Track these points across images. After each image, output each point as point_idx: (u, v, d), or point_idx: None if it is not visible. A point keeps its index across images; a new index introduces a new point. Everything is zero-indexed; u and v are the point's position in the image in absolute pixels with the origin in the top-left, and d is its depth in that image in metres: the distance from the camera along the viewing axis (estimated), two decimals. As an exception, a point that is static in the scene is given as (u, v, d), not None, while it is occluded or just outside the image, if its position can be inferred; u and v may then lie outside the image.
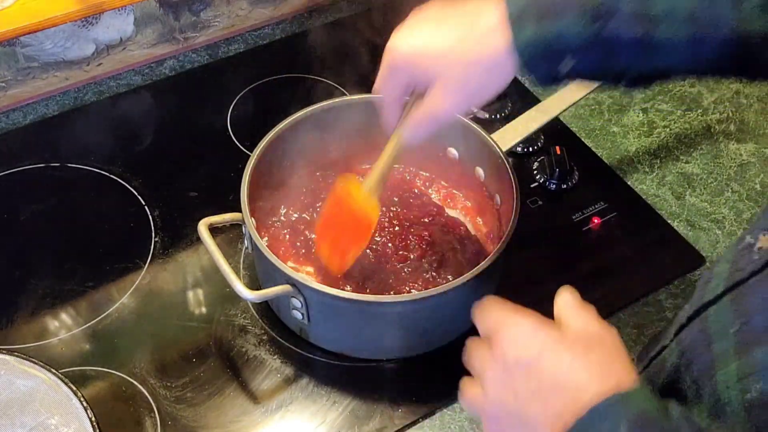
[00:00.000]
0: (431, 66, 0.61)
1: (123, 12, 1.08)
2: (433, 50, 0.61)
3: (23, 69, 1.06)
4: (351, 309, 0.77)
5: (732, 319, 0.49)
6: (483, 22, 0.59)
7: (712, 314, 0.51)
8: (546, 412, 0.48)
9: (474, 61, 0.60)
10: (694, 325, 0.53)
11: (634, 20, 0.55)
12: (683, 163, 1.04)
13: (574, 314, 0.54)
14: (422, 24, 0.63)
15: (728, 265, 0.52)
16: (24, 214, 0.96)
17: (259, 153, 0.84)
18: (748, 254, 0.50)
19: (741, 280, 0.50)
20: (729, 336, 0.48)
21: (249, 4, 1.18)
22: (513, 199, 0.81)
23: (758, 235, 0.50)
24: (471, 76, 0.61)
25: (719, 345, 0.49)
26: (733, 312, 0.49)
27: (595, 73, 0.60)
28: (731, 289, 0.50)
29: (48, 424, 0.70)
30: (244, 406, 0.79)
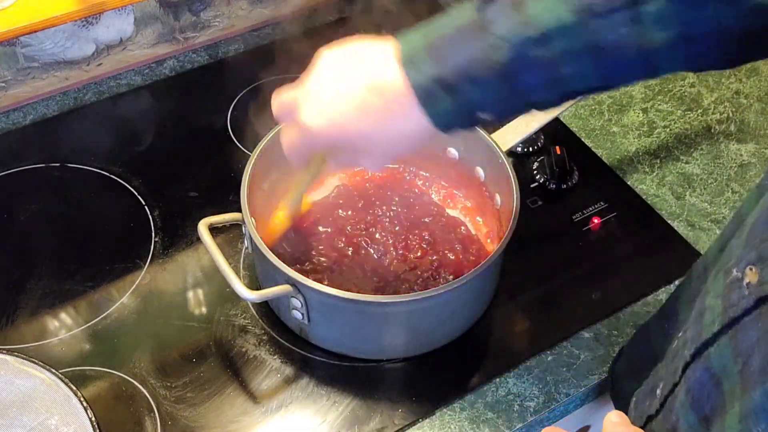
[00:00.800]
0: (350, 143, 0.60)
1: (123, 12, 1.08)
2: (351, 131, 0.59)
3: (23, 69, 1.06)
4: (351, 309, 0.77)
5: (734, 358, 0.49)
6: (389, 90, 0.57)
7: (714, 354, 0.51)
8: None
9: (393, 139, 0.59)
10: (698, 363, 0.53)
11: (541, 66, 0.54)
12: (683, 163, 1.04)
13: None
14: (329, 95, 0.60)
15: (719, 300, 0.52)
16: (24, 214, 0.96)
17: (259, 153, 0.84)
18: (738, 289, 0.50)
19: (736, 317, 0.49)
20: (734, 376, 0.48)
21: (249, 4, 1.18)
22: (513, 199, 0.81)
23: (744, 269, 0.50)
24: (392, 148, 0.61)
25: (727, 385, 0.49)
26: (733, 351, 0.49)
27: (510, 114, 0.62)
28: (729, 326, 0.50)
29: (48, 424, 0.70)
30: (244, 406, 0.79)
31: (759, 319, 0.47)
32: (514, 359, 0.84)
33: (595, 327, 0.86)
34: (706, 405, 0.52)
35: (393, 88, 0.57)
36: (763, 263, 0.48)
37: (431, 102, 0.56)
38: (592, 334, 0.86)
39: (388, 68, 0.57)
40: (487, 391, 0.81)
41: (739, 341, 0.49)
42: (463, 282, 0.75)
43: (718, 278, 0.54)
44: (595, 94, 0.59)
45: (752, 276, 0.49)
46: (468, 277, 0.75)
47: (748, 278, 0.49)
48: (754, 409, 0.44)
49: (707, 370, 0.52)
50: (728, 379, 0.49)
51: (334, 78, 0.60)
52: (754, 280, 0.48)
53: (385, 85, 0.57)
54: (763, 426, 0.43)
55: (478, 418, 0.79)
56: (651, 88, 1.13)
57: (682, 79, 1.14)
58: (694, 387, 0.53)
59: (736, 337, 0.49)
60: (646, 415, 0.63)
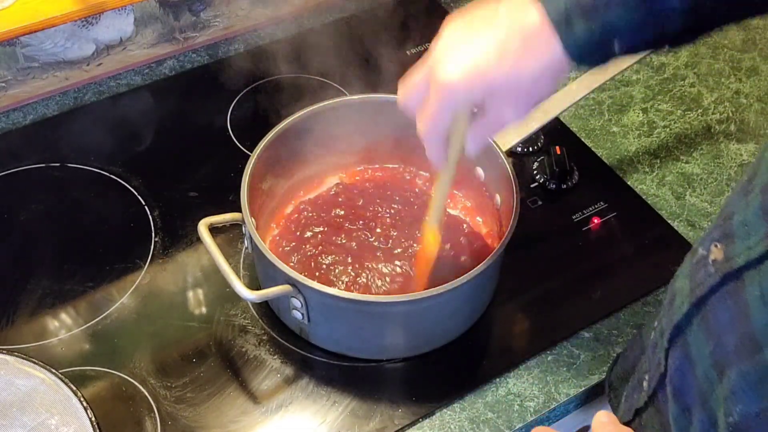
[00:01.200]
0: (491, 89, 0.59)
1: (123, 12, 1.08)
2: (492, 74, 0.58)
3: (23, 69, 1.06)
4: (351, 309, 0.77)
5: (705, 341, 0.48)
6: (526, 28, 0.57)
7: (691, 337, 0.51)
8: None
9: (528, 74, 0.58)
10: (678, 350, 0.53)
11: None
12: (683, 163, 1.04)
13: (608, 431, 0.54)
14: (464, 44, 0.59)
15: (687, 280, 0.51)
16: (24, 214, 0.96)
17: (259, 153, 0.84)
18: (703, 267, 0.49)
19: (702, 296, 0.49)
20: (706, 358, 0.48)
21: (249, 4, 1.18)
22: (513, 199, 0.81)
23: (710, 246, 0.49)
24: (532, 89, 0.59)
25: (700, 369, 0.48)
26: (704, 333, 0.48)
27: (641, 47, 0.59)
28: (697, 306, 0.49)
29: (48, 424, 0.70)
30: (244, 406, 0.79)
31: (727, 297, 0.46)
32: (514, 359, 0.84)
33: (595, 327, 0.86)
34: (688, 393, 0.51)
35: (529, 22, 0.56)
36: (727, 239, 0.47)
37: (568, 28, 0.55)
38: (592, 334, 0.86)
39: (523, 6, 0.57)
40: (487, 391, 0.81)
41: (710, 322, 0.48)
42: (463, 282, 0.75)
43: (686, 261, 0.53)
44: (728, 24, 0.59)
45: (717, 253, 0.48)
46: (468, 277, 0.75)
47: (713, 255, 0.48)
48: (732, 389, 0.44)
49: (686, 357, 0.51)
50: (701, 363, 0.48)
51: (466, 32, 0.59)
52: (719, 257, 0.48)
53: (520, 22, 0.56)
54: (741, 407, 0.43)
55: (478, 418, 0.79)
56: (651, 88, 1.13)
57: (682, 79, 1.14)
58: (675, 375, 0.53)
59: (707, 318, 0.48)
60: (634, 408, 0.62)
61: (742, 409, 0.43)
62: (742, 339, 0.44)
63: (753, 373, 0.42)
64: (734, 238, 0.47)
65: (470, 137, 0.64)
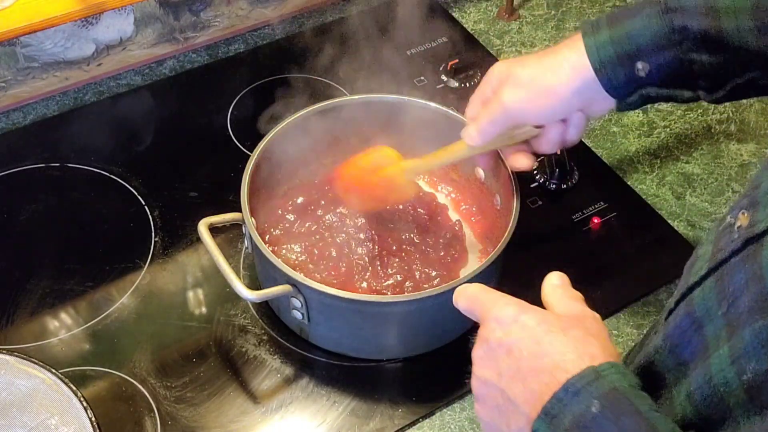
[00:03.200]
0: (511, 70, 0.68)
1: (123, 12, 1.08)
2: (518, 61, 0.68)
3: (23, 69, 1.06)
4: (351, 309, 0.77)
5: (718, 301, 0.49)
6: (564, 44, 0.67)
7: (698, 296, 0.52)
8: (526, 390, 0.50)
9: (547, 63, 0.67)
10: (680, 308, 0.54)
11: (702, 13, 0.59)
12: (683, 163, 1.04)
13: (558, 298, 0.56)
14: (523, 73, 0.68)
15: (711, 246, 0.53)
16: (24, 214, 0.96)
17: (259, 153, 0.84)
18: (728, 234, 0.51)
19: (723, 259, 0.50)
20: (718, 318, 0.49)
21: (249, 4, 1.18)
22: (513, 199, 0.81)
23: (737, 213, 0.50)
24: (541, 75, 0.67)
25: (710, 328, 0.49)
26: (718, 294, 0.49)
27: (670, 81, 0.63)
28: (714, 270, 0.51)
29: (48, 424, 0.70)
30: (244, 406, 0.79)
31: (746, 260, 0.47)
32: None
33: (595, 327, 0.86)
34: (686, 350, 0.52)
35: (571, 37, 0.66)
36: (754, 207, 0.49)
37: (593, 31, 0.63)
38: (592, 334, 0.86)
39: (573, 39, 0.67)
40: (487, 391, 0.81)
41: (724, 283, 0.49)
42: (463, 282, 0.75)
43: (711, 229, 0.54)
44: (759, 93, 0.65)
45: (743, 219, 0.49)
46: (468, 277, 0.75)
47: (739, 222, 0.50)
48: (745, 348, 0.45)
49: (689, 315, 0.52)
50: (711, 322, 0.49)
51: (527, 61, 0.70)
52: (745, 223, 0.49)
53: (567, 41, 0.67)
54: (753, 364, 0.44)
55: (478, 418, 0.79)
56: (651, 88, 1.13)
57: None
58: (674, 333, 0.54)
59: (722, 279, 0.49)
60: None
61: (755, 366, 0.44)
62: (756, 299, 0.45)
63: (765, 332, 0.43)
64: (759, 205, 0.48)
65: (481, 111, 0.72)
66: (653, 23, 0.60)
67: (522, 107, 0.67)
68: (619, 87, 0.63)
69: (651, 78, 0.62)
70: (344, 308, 0.78)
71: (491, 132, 0.69)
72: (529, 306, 0.54)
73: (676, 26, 0.59)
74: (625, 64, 0.61)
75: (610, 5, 1.25)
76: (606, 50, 0.61)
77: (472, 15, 1.23)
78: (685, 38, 0.60)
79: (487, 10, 1.23)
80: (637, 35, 0.60)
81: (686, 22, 0.59)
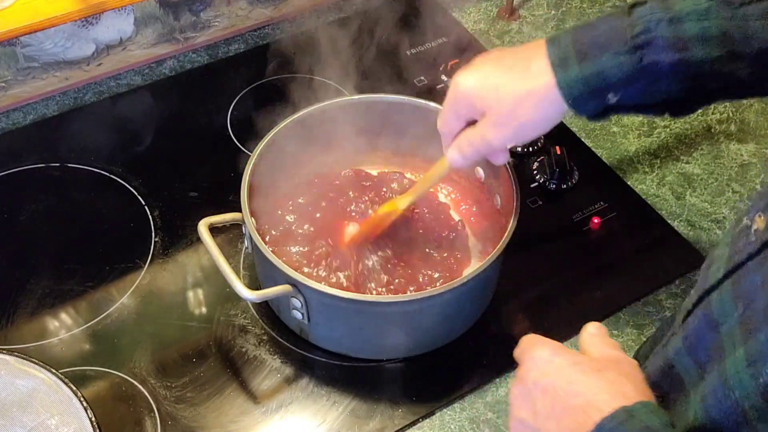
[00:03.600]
0: (485, 99, 0.66)
1: (123, 12, 1.08)
2: (489, 84, 0.66)
3: (23, 69, 1.06)
4: (351, 309, 0.77)
5: (734, 303, 0.50)
6: (533, 63, 0.64)
7: (715, 299, 0.52)
8: (561, 429, 0.50)
9: (521, 98, 0.64)
10: (698, 310, 0.54)
11: (671, 45, 0.59)
12: (683, 163, 1.03)
13: (595, 343, 0.56)
14: (482, 64, 0.68)
15: (727, 248, 0.53)
16: (24, 214, 0.96)
17: (259, 153, 0.84)
18: (745, 236, 0.51)
19: (740, 262, 0.50)
20: (734, 320, 0.49)
21: (249, 4, 1.18)
22: (513, 199, 0.81)
23: (754, 216, 0.51)
24: (517, 111, 0.65)
25: (726, 329, 0.50)
26: (734, 296, 0.50)
27: (639, 105, 0.64)
28: (731, 273, 0.51)
29: (48, 425, 0.70)
30: (244, 406, 0.79)
31: (763, 263, 0.48)
32: (514, 359, 0.83)
33: (595, 327, 0.86)
34: (702, 351, 0.53)
35: (534, 56, 0.64)
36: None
37: (562, 66, 0.62)
38: (592, 334, 0.86)
39: (534, 47, 0.65)
40: (487, 391, 0.81)
41: (741, 285, 0.50)
42: (463, 282, 0.75)
43: (728, 231, 0.54)
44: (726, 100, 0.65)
45: (761, 222, 0.50)
46: (468, 277, 0.75)
47: (756, 225, 0.50)
48: (762, 351, 0.45)
49: (706, 315, 0.53)
50: (726, 323, 0.50)
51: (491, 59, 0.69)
52: (762, 226, 0.50)
53: (528, 55, 0.65)
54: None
55: (478, 418, 0.79)
56: (651, 88, 1.13)
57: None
58: (692, 334, 0.54)
59: (738, 282, 0.50)
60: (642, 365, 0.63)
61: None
62: None
63: None
64: None
65: (455, 143, 0.71)
66: (623, 61, 0.60)
67: (506, 143, 0.69)
68: (589, 114, 0.65)
69: (621, 103, 0.63)
70: (344, 308, 0.78)
71: (475, 159, 0.72)
72: (565, 348, 0.54)
73: (646, 63, 0.60)
74: (597, 96, 0.63)
75: (610, 5, 1.25)
76: (578, 88, 0.62)
77: (472, 15, 1.23)
78: (656, 72, 0.60)
79: (487, 10, 1.23)
80: (607, 73, 0.61)
81: (656, 58, 0.60)
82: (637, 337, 0.85)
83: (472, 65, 0.69)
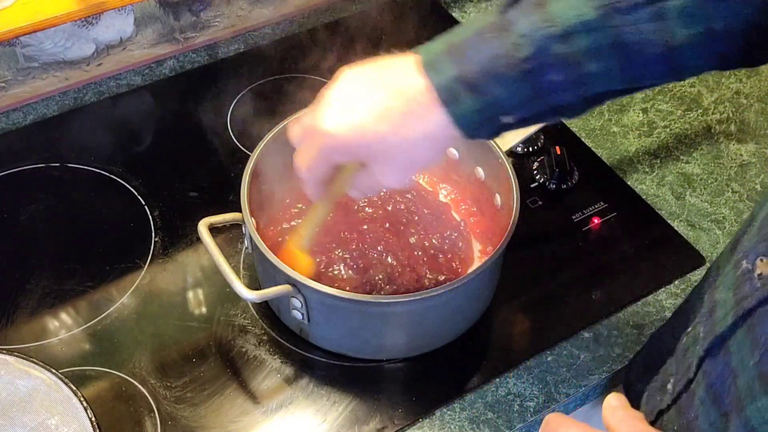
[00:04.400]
0: (370, 151, 0.59)
1: (123, 12, 1.08)
2: (370, 136, 0.58)
3: (23, 69, 1.06)
4: (351, 309, 0.77)
5: (750, 351, 0.49)
6: (415, 96, 0.57)
7: (732, 346, 0.51)
8: None
9: (415, 144, 0.58)
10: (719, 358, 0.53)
11: (564, 64, 0.54)
12: (683, 163, 1.04)
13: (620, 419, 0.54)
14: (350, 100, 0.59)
15: (731, 293, 0.52)
16: (24, 214, 0.96)
17: (259, 153, 0.84)
18: (749, 281, 0.50)
19: (750, 308, 0.50)
20: (750, 369, 0.49)
21: (249, 4, 1.18)
22: (513, 199, 0.81)
23: (754, 261, 0.50)
24: (415, 155, 0.59)
25: (743, 379, 0.49)
26: (750, 344, 0.49)
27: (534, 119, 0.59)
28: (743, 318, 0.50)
29: (48, 425, 0.70)
30: (244, 406, 0.79)
31: None
32: (514, 359, 0.84)
33: (595, 327, 0.86)
34: (726, 400, 0.52)
35: (414, 90, 0.56)
36: None
37: (454, 102, 0.55)
38: (592, 334, 0.86)
39: (409, 74, 0.57)
40: (487, 391, 0.81)
41: (756, 333, 0.49)
42: (463, 282, 0.75)
43: (728, 273, 0.54)
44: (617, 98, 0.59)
45: (764, 267, 0.49)
46: (468, 277, 0.75)
47: (759, 269, 0.49)
48: None
49: (727, 365, 0.52)
50: (744, 373, 0.49)
51: (355, 88, 0.60)
52: (766, 271, 0.49)
53: (406, 88, 0.57)
54: None
55: (478, 418, 0.79)
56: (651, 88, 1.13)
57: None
58: (716, 383, 0.53)
59: (753, 330, 0.49)
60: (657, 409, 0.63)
61: None
62: None
63: None
64: None
65: (353, 187, 0.65)
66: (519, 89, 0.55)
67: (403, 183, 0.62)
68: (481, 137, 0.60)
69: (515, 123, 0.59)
70: (344, 308, 0.78)
71: None
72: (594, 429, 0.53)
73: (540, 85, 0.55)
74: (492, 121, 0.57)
75: (610, 5, 1.25)
76: (473, 119, 0.56)
77: (472, 15, 1.23)
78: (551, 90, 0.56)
79: (487, 10, 1.23)
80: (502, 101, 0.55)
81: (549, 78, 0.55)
82: (637, 337, 0.85)
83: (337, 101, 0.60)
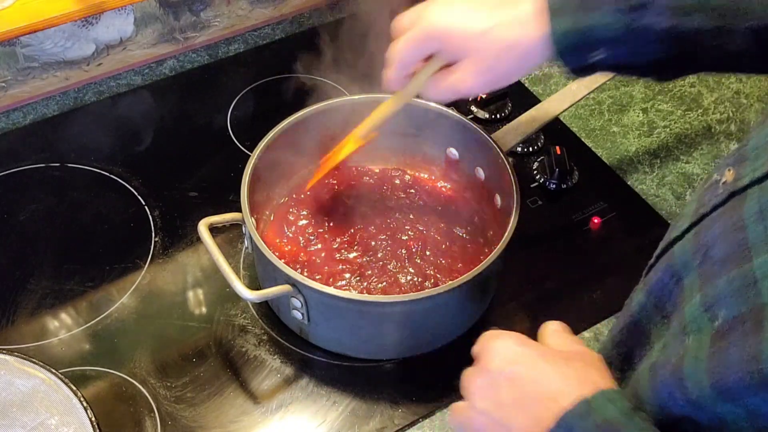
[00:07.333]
0: (466, 44, 0.63)
1: (123, 12, 1.08)
2: (471, 30, 0.62)
3: (23, 69, 1.06)
4: (351, 309, 0.77)
5: (693, 253, 0.50)
6: (521, 8, 0.60)
7: (678, 249, 0.52)
8: (526, 419, 0.50)
9: (508, 46, 0.61)
10: (661, 262, 0.54)
11: (667, 12, 0.57)
12: (683, 163, 1.03)
13: (557, 336, 0.56)
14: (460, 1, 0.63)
15: (695, 204, 0.53)
16: (24, 214, 0.96)
17: (259, 153, 0.84)
18: (713, 190, 0.51)
19: (704, 214, 0.51)
20: (694, 269, 0.49)
21: (249, 4, 1.18)
22: (513, 199, 0.81)
23: (723, 170, 0.51)
24: (503, 60, 0.62)
25: (687, 280, 0.50)
26: (695, 245, 0.50)
27: (621, 65, 0.62)
28: (695, 224, 0.51)
29: (48, 424, 0.70)
30: (244, 406, 0.79)
31: (726, 213, 0.48)
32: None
33: (595, 327, 0.86)
34: (668, 302, 0.53)
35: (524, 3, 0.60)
36: (740, 163, 0.49)
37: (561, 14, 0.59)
38: (592, 334, 0.86)
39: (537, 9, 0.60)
40: (487, 391, 0.81)
41: (701, 236, 0.50)
42: (463, 282, 0.75)
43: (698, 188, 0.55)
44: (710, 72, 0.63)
45: (729, 175, 0.50)
46: (468, 277, 0.75)
47: (724, 178, 0.50)
48: (719, 296, 0.46)
49: (669, 267, 0.53)
50: (688, 274, 0.50)
51: None
52: (730, 179, 0.50)
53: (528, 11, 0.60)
54: (725, 311, 0.45)
55: (478, 418, 0.79)
56: (651, 88, 1.13)
57: (683, 80, 1.14)
58: (656, 287, 0.54)
59: (699, 232, 0.50)
60: None
61: (726, 313, 0.45)
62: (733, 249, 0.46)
63: (738, 280, 0.44)
64: (746, 161, 0.49)
65: (430, 83, 0.68)
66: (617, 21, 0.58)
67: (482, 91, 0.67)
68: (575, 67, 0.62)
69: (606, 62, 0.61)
70: (344, 308, 0.78)
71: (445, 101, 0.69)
72: (530, 339, 0.54)
73: (638, 26, 0.58)
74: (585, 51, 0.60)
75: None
76: (569, 37, 0.60)
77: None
78: (645, 37, 0.59)
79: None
80: (598, 31, 0.58)
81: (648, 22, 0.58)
82: (637, 337, 0.85)
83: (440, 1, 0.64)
